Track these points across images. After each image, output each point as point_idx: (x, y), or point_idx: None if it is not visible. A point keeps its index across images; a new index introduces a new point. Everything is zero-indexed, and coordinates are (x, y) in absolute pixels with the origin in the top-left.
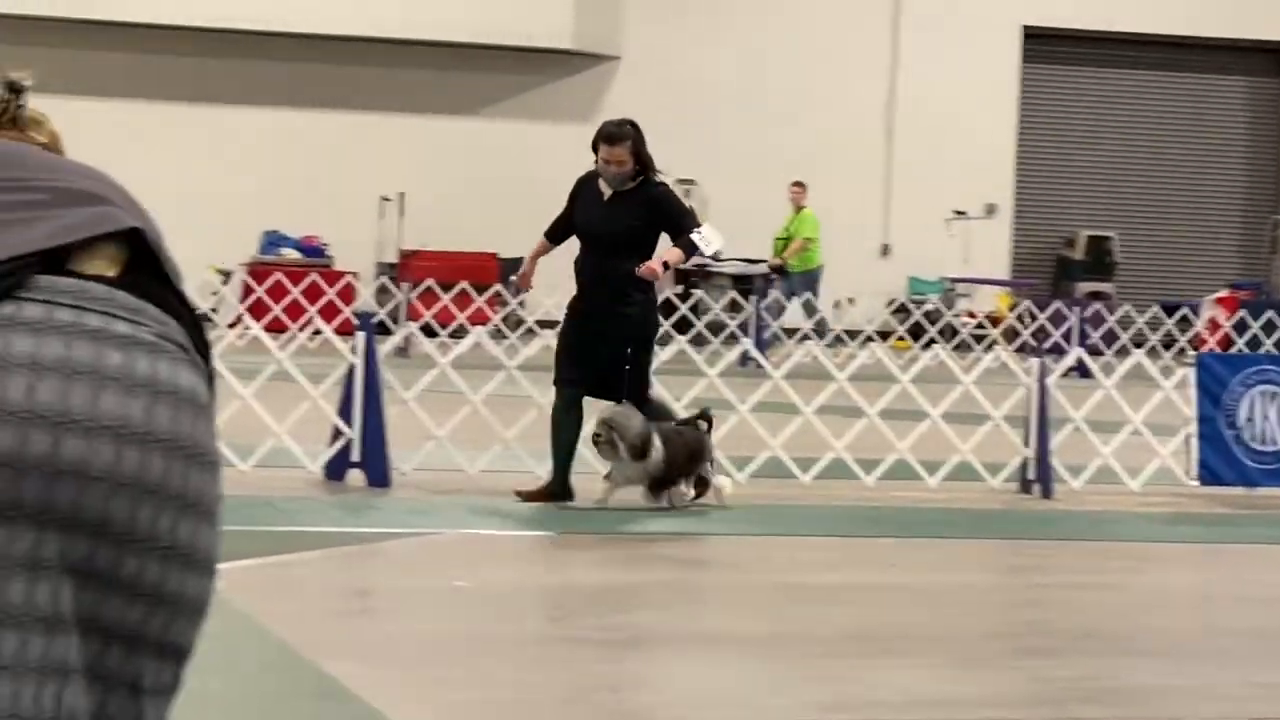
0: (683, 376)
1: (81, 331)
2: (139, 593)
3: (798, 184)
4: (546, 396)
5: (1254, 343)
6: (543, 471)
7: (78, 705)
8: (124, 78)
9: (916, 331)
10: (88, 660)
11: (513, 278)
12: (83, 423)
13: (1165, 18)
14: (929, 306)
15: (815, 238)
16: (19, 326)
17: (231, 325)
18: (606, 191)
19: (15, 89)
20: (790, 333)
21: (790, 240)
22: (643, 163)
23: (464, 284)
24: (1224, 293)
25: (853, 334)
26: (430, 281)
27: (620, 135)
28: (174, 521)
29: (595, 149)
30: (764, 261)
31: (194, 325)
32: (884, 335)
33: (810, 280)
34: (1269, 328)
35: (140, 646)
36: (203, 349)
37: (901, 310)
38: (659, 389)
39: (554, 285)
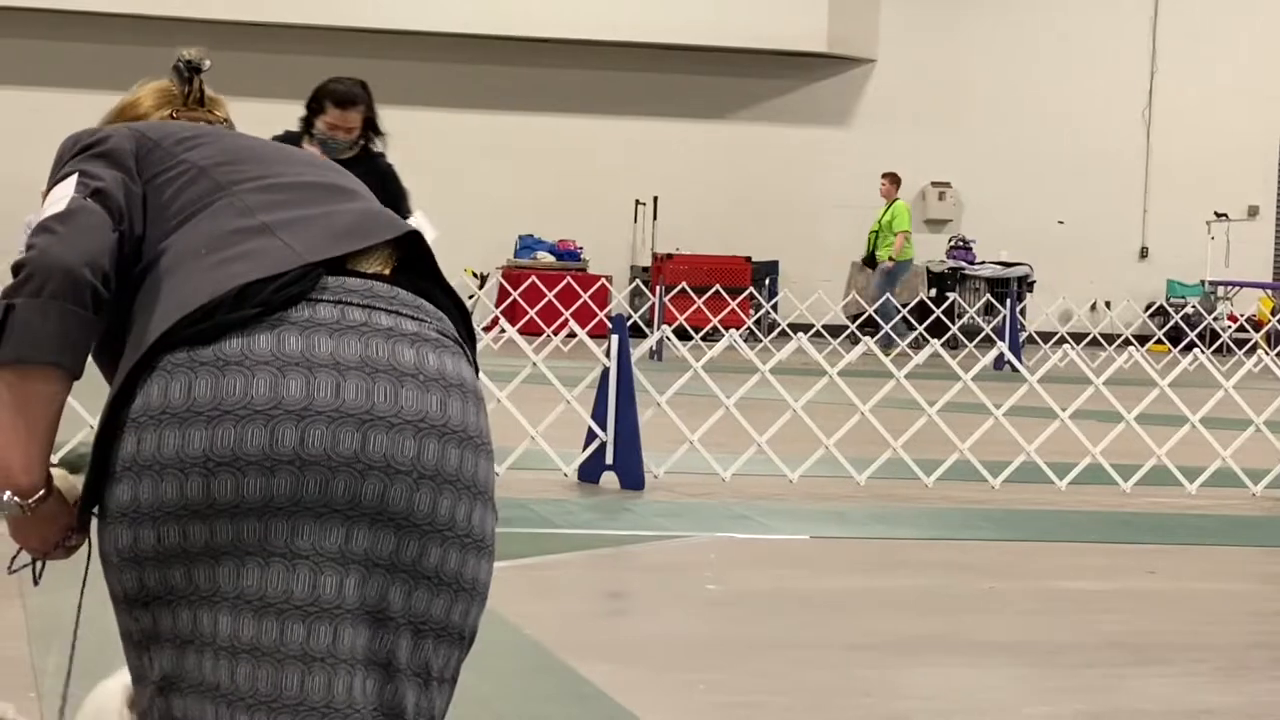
0: (937, 380)
1: (375, 330)
2: (443, 582)
3: (888, 176)
4: (802, 399)
5: None
6: (794, 476)
7: (371, 695)
8: (393, 84)
9: (1175, 335)
10: (389, 651)
11: None
12: (387, 418)
13: None
14: (1188, 310)
15: (909, 230)
16: (319, 328)
17: (487, 328)
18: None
19: (195, 68)
20: (1046, 336)
21: (880, 233)
22: (369, 130)
23: (717, 287)
24: None
25: (1110, 338)
26: (684, 285)
27: (356, 98)
28: (469, 509)
29: (313, 109)
30: (1022, 264)
31: (463, 319)
32: (1142, 339)
33: (894, 279)
34: None
35: (443, 635)
36: (470, 342)
37: (1160, 314)
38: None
39: (810, 290)
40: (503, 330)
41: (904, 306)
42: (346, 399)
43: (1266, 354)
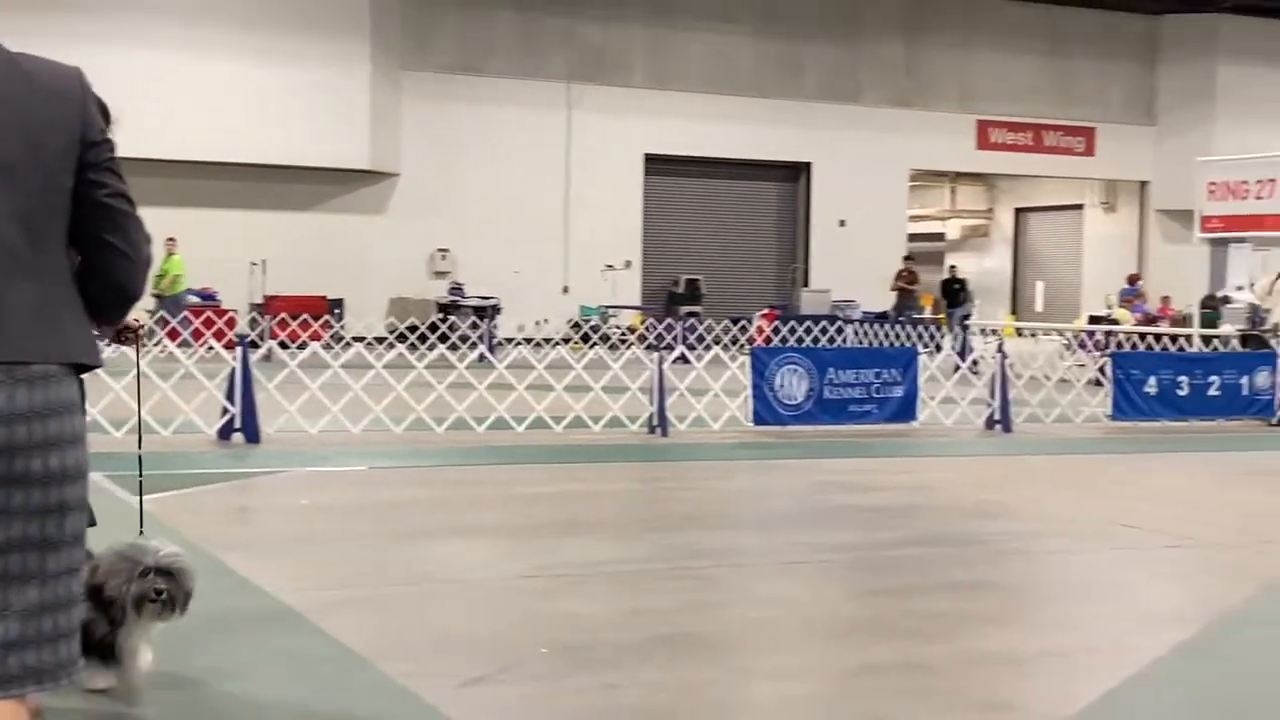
0: (444, 370)
1: None
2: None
3: (170, 239)
4: (360, 383)
5: (783, 340)
6: (357, 430)
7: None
8: None
9: (587, 338)
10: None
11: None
12: None
13: (732, 147)
14: (594, 323)
15: (181, 274)
16: None
17: (157, 344)
18: None
19: None
20: (510, 340)
21: (165, 276)
22: None
23: (305, 315)
24: (766, 310)
25: (548, 340)
26: (284, 314)
27: None
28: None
29: None
30: (493, 298)
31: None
32: (566, 340)
33: (177, 303)
34: (792, 331)
35: (49, 544)
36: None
37: (577, 326)
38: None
39: (363, 311)
40: (166, 347)
41: (420, 325)
42: None
43: (638, 348)
